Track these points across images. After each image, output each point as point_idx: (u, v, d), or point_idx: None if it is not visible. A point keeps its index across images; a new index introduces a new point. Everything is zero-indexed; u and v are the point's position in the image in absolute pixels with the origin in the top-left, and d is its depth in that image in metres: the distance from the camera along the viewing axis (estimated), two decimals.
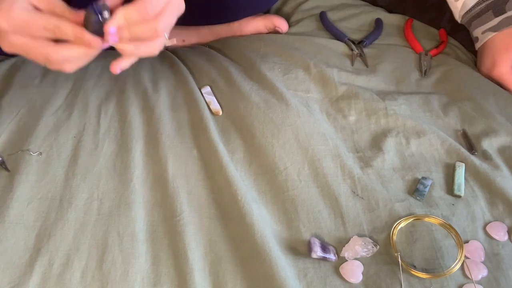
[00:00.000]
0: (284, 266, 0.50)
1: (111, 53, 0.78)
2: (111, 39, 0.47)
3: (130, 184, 0.57)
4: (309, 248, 0.52)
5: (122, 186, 0.57)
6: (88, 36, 0.47)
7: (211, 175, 0.59)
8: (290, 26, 0.89)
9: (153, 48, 0.51)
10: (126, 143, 0.62)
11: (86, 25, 0.48)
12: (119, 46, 0.49)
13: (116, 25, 0.47)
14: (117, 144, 0.63)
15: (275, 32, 0.88)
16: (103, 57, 0.77)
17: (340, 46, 0.84)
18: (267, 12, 0.92)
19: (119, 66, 0.52)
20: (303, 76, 0.75)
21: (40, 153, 0.60)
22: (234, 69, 0.76)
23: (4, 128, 0.63)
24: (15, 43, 0.46)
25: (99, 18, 0.47)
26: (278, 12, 0.95)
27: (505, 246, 0.54)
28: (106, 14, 0.47)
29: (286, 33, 0.88)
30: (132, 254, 0.51)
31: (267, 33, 0.88)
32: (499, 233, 0.55)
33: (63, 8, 0.48)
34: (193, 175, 0.60)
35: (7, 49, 0.47)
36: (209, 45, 0.85)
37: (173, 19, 0.51)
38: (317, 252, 0.51)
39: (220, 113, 0.69)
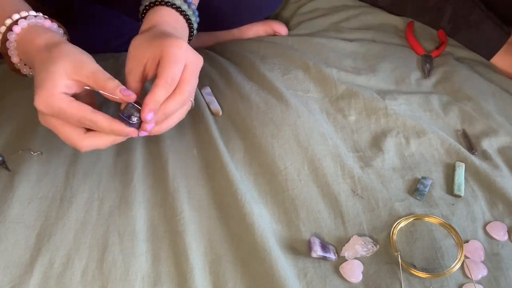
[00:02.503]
0: (284, 265, 0.50)
1: (112, 55, 0.79)
2: (149, 127, 0.49)
3: (130, 184, 0.57)
4: (309, 248, 0.52)
5: (122, 185, 0.58)
6: (126, 130, 0.49)
7: (211, 175, 0.60)
8: (289, 29, 0.90)
9: (182, 115, 0.54)
10: (126, 143, 0.62)
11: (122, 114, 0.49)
12: (153, 130, 0.51)
13: (152, 111, 0.48)
14: (117, 144, 0.63)
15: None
16: (103, 58, 0.77)
17: (340, 45, 0.84)
18: (266, 17, 0.92)
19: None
20: (302, 76, 0.75)
21: (41, 153, 0.60)
22: (234, 70, 0.76)
23: (5, 128, 0.63)
24: (49, 123, 0.49)
25: (130, 122, 0.49)
26: (278, 17, 0.95)
27: (505, 246, 0.54)
28: (135, 118, 0.49)
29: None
30: (133, 253, 0.51)
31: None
32: (499, 233, 0.55)
33: (107, 81, 0.49)
34: (193, 174, 0.60)
35: (42, 123, 0.50)
36: (209, 48, 0.85)
37: (195, 81, 0.53)
38: (317, 251, 0.51)
39: (220, 113, 0.69)
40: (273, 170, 0.61)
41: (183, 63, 0.51)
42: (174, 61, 0.50)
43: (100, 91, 0.49)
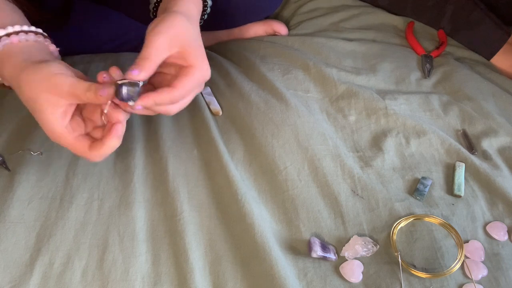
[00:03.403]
0: (284, 265, 0.50)
1: (112, 55, 0.79)
2: (127, 109, 0.49)
3: (130, 184, 0.57)
4: (309, 248, 0.52)
5: (122, 185, 0.58)
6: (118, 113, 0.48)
7: (211, 175, 0.60)
8: (289, 29, 0.90)
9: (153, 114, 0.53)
10: (126, 143, 0.63)
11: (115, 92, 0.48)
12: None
13: (144, 106, 0.48)
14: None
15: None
16: (103, 59, 0.77)
17: (340, 45, 0.84)
18: (266, 17, 0.92)
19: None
20: (302, 76, 0.75)
21: (41, 153, 0.60)
22: (234, 70, 0.76)
23: (5, 128, 0.63)
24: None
25: (123, 95, 0.47)
26: (278, 17, 0.95)
27: (505, 246, 0.54)
28: (131, 102, 0.47)
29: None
30: (133, 253, 0.51)
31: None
32: (499, 233, 0.55)
33: (86, 94, 0.48)
34: (193, 174, 0.60)
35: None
36: (209, 48, 0.85)
37: (191, 99, 0.53)
38: (317, 251, 0.51)
39: (220, 113, 0.69)
40: (273, 170, 0.61)
41: (196, 86, 0.51)
42: (194, 82, 0.50)
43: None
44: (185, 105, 0.52)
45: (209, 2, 0.60)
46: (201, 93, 0.71)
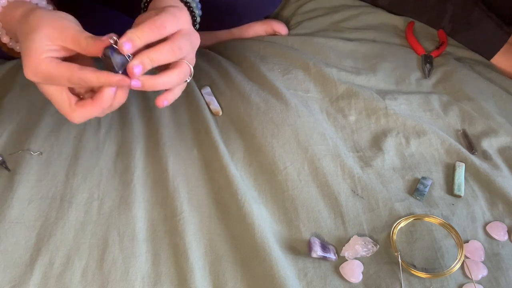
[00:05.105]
0: (284, 265, 0.50)
1: None
2: (136, 69, 0.46)
3: (130, 184, 0.57)
4: (309, 248, 0.52)
5: (122, 185, 0.58)
6: (115, 78, 0.46)
7: (211, 175, 0.60)
8: (289, 29, 0.90)
9: (179, 76, 0.50)
10: (126, 143, 0.63)
11: (105, 63, 0.46)
12: (147, 82, 0.48)
13: (130, 41, 0.45)
14: (118, 144, 0.63)
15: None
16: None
17: (340, 45, 0.84)
18: (266, 17, 0.92)
19: (163, 100, 0.51)
20: (302, 76, 0.75)
21: (41, 153, 0.60)
22: (234, 70, 0.76)
23: (5, 128, 0.63)
24: (44, 91, 0.49)
25: (117, 59, 0.45)
26: (278, 17, 0.95)
27: (505, 246, 0.54)
28: (118, 58, 0.45)
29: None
30: (133, 253, 0.51)
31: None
32: (499, 233, 0.55)
33: (87, 39, 0.47)
34: (193, 174, 0.60)
35: (40, 91, 0.50)
36: (209, 48, 0.85)
37: (189, 45, 0.50)
38: (317, 251, 0.51)
39: (220, 113, 0.69)
40: (273, 170, 0.61)
41: (177, 21, 0.48)
42: (169, 13, 0.48)
43: None
44: (182, 76, 0.50)
45: (197, 12, 0.59)
46: (201, 93, 0.72)
